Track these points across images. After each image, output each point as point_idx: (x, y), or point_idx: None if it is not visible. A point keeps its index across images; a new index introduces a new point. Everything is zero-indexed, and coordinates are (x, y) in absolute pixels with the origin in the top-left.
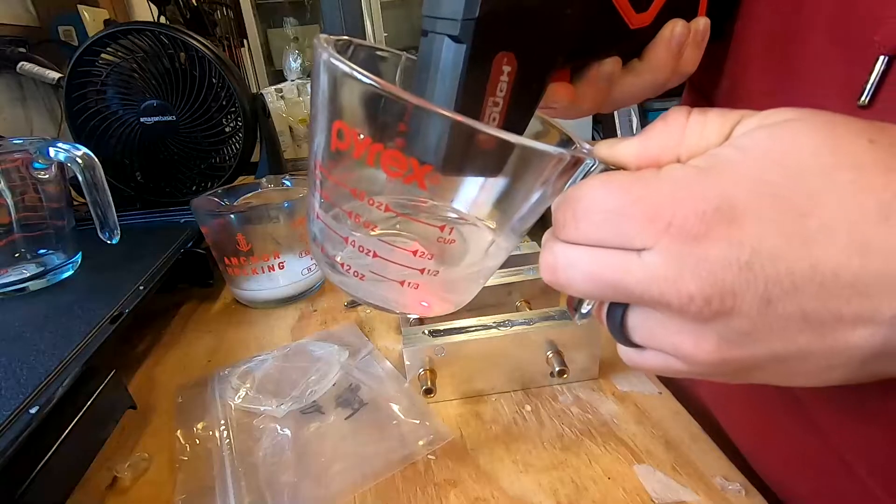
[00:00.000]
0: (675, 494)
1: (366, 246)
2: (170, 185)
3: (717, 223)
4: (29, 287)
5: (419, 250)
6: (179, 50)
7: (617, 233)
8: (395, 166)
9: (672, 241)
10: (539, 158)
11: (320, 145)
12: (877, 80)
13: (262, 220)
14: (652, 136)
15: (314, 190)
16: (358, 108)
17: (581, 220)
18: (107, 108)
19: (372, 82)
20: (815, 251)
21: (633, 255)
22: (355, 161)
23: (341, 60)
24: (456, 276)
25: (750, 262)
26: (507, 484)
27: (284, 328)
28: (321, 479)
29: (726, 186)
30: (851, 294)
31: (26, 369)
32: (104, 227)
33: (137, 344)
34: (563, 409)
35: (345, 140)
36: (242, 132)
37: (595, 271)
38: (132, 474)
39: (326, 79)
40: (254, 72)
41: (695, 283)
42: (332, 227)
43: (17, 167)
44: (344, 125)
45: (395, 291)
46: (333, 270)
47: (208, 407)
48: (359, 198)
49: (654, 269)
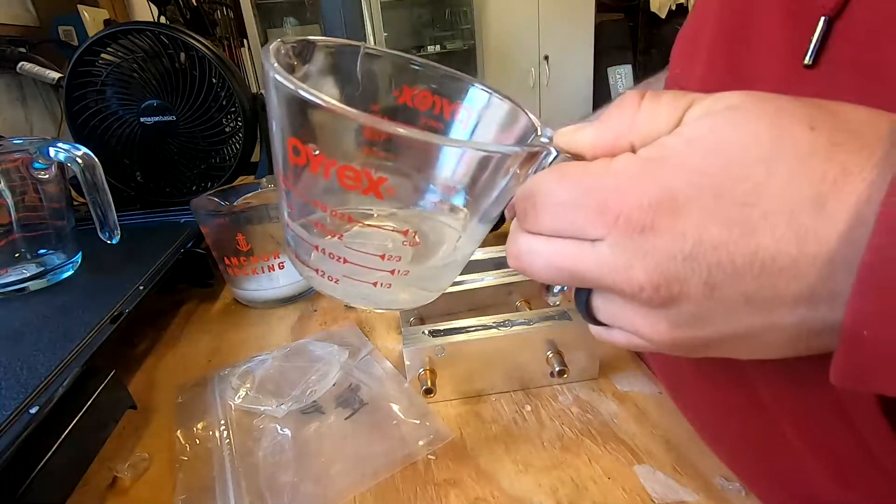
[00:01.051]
0: (675, 494)
1: (335, 253)
2: (170, 185)
3: (662, 215)
4: (29, 287)
5: (386, 254)
6: (179, 50)
7: (571, 224)
8: (350, 180)
9: (621, 233)
10: (498, 159)
11: (280, 160)
12: (819, 39)
13: (262, 220)
14: (607, 123)
15: (282, 200)
16: (308, 125)
17: (539, 212)
18: (107, 108)
19: (316, 100)
20: (756, 239)
21: (588, 245)
22: (313, 175)
23: (286, 78)
24: (428, 272)
25: (693, 253)
26: (507, 484)
27: (284, 328)
28: (321, 480)
29: (670, 179)
30: (790, 278)
31: (26, 369)
32: (104, 227)
33: (137, 344)
34: (563, 409)
35: (301, 156)
36: (242, 132)
37: (553, 260)
38: (132, 474)
39: (275, 95)
40: (254, 72)
41: (643, 272)
42: (301, 236)
43: (17, 167)
44: (297, 142)
45: (371, 290)
46: (309, 275)
47: (208, 407)
48: (322, 209)
49: (606, 259)
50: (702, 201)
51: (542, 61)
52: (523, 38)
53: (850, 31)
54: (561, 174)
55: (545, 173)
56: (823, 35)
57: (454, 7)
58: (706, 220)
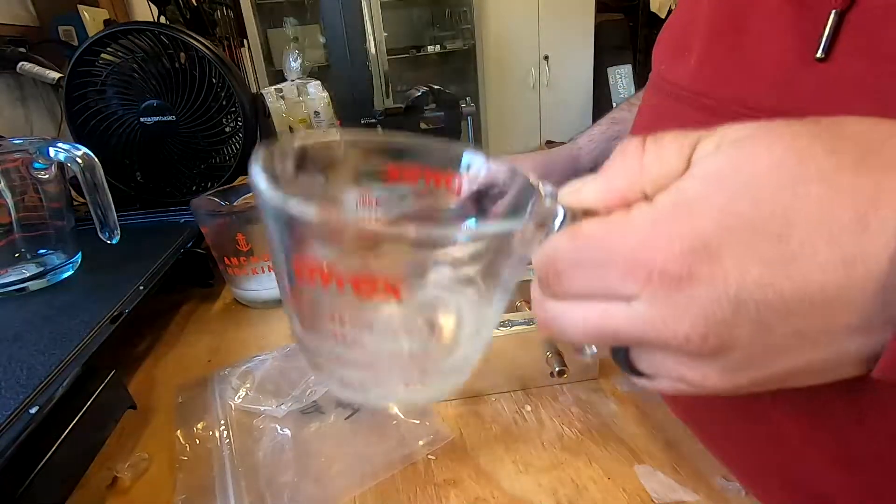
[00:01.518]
0: (675, 494)
1: (358, 361)
2: (170, 185)
3: (697, 263)
4: (29, 287)
5: (412, 353)
6: (179, 50)
7: (600, 286)
8: (366, 287)
9: (657, 288)
10: (506, 235)
11: (284, 276)
12: (830, 34)
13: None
14: (613, 173)
15: (291, 315)
16: (308, 240)
17: (562, 278)
18: (107, 108)
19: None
20: (800, 271)
21: (621, 304)
22: (324, 288)
23: (280, 195)
24: (457, 358)
25: (738, 296)
26: (507, 484)
27: (284, 328)
28: (321, 480)
29: (697, 224)
30: (842, 308)
31: (26, 369)
32: (104, 227)
33: (137, 344)
34: (563, 410)
35: (307, 271)
36: (242, 132)
37: (587, 325)
38: (132, 474)
39: (272, 213)
40: (254, 72)
41: (688, 324)
42: (320, 349)
43: (17, 167)
44: (300, 258)
45: (404, 391)
46: (334, 386)
47: (208, 407)
48: (339, 321)
49: (645, 316)
50: (736, 242)
51: (542, 61)
52: (523, 38)
53: (862, 23)
54: (578, 235)
55: (560, 237)
56: (834, 28)
57: (454, 7)
58: (745, 261)
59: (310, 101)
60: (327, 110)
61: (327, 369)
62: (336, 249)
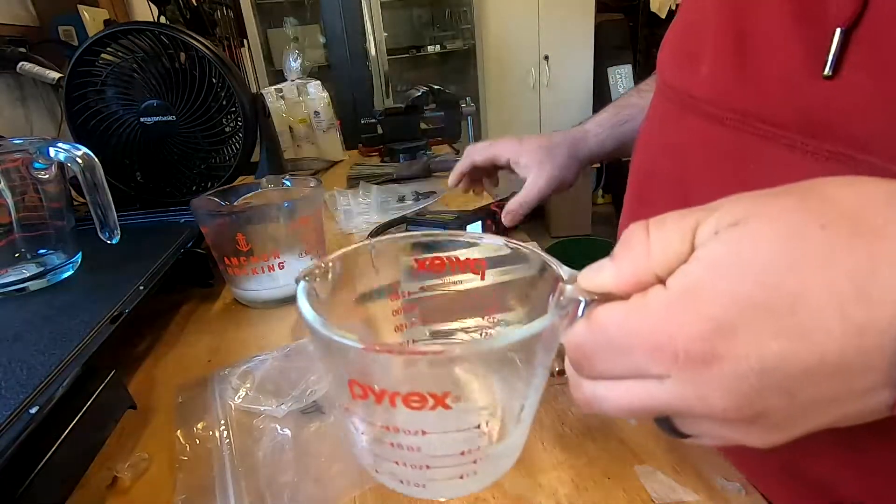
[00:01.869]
0: (675, 495)
1: (416, 464)
2: (170, 185)
3: (719, 342)
4: (29, 287)
5: (465, 450)
6: (179, 50)
7: (629, 367)
8: (416, 401)
9: (685, 369)
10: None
11: (343, 396)
12: (837, 51)
13: (262, 220)
14: (622, 260)
15: (348, 423)
16: (360, 365)
17: (593, 361)
18: (107, 108)
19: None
20: (816, 341)
21: (654, 382)
22: (378, 405)
23: (327, 329)
24: (506, 445)
25: (763, 368)
26: (507, 484)
27: (284, 328)
28: (321, 480)
29: (709, 308)
30: (863, 371)
31: (26, 369)
32: (104, 227)
33: (137, 344)
34: (563, 410)
35: (362, 392)
36: (242, 132)
37: (624, 403)
38: (132, 474)
39: (321, 344)
40: (254, 72)
41: (721, 398)
42: (380, 455)
43: (17, 167)
44: (356, 382)
45: (459, 482)
46: (394, 486)
47: (208, 407)
48: (393, 431)
49: (682, 394)
50: (751, 321)
51: (542, 61)
52: (523, 38)
53: (868, 41)
54: (598, 322)
55: (583, 324)
56: (840, 45)
57: (454, 7)
58: (763, 337)
59: (310, 101)
60: (327, 110)
61: (387, 472)
62: (384, 372)
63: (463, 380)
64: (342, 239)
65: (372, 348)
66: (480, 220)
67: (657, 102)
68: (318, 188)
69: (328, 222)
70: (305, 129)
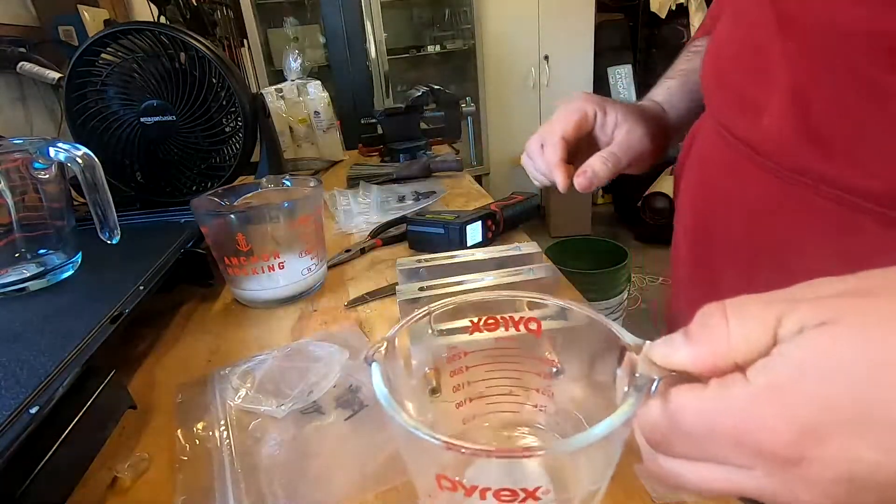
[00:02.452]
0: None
1: None
2: (170, 185)
3: (808, 447)
4: (29, 287)
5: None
6: (179, 50)
7: (712, 454)
8: (507, 496)
9: (772, 466)
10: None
11: (425, 485)
12: None
13: (262, 220)
14: (699, 342)
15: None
16: (456, 466)
17: (672, 442)
18: (107, 108)
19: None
20: None
21: (740, 470)
22: (467, 498)
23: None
24: None
25: (855, 473)
26: None
27: (284, 328)
28: (321, 480)
29: (796, 410)
30: None
31: (26, 369)
32: (104, 227)
33: (137, 344)
34: None
35: (450, 485)
36: (242, 132)
37: (707, 485)
38: (132, 474)
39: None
40: (254, 72)
41: (810, 497)
42: None
43: (17, 167)
44: (445, 476)
45: None
46: None
47: (208, 407)
48: None
49: (771, 487)
50: (842, 428)
51: (541, 61)
52: (523, 38)
53: None
54: (679, 406)
55: (661, 405)
56: None
57: (454, 7)
58: (855, 446)
59: (310, 101)
60: (327, 110)
61: None
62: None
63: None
64: (342, 239)
65: (473, 452)
66: (480, 221)
67: (715, 145)
68: (318, 188)
69: (328, 222)
70: (305, 129)
